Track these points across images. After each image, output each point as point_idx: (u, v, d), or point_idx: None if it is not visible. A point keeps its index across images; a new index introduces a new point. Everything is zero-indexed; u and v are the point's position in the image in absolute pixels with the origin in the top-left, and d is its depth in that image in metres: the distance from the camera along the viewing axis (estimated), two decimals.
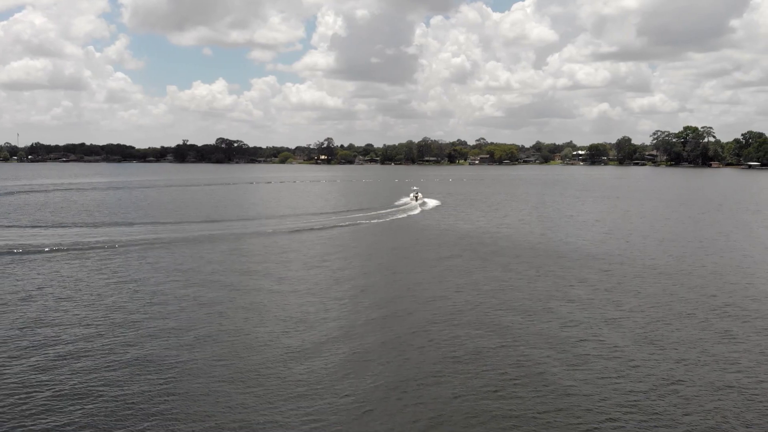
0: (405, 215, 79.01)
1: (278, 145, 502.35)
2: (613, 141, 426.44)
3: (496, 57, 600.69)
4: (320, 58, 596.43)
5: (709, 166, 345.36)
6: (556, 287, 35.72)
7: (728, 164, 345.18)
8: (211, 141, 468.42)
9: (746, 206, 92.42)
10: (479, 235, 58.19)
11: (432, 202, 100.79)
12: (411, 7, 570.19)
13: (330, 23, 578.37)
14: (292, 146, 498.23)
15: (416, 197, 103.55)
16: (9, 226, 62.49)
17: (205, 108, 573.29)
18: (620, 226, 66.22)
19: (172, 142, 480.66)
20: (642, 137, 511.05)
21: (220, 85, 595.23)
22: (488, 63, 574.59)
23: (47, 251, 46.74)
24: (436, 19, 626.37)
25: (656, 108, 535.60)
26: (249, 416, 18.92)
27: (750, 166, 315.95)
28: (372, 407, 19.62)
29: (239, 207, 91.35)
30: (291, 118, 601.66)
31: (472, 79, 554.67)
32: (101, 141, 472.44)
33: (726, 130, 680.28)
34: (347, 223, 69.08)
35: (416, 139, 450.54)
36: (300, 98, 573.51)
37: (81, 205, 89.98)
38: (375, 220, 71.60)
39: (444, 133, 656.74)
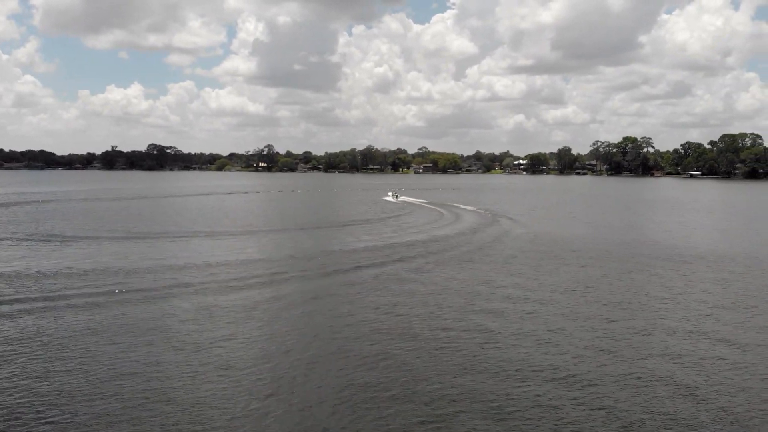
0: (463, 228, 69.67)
1: (195, 151, 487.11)
2: (528, 152, 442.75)
3: (417, 68, 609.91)
4: (241, 63, 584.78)
5: (652, 175, 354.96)
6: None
7: (668, 173, 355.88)
8: (127, 147, 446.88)
9: None
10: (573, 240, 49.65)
11: (415, 200, 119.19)
12: (334, 16, 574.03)
13: (251, 29, 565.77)
14: (211, 152, 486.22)
15: (396, 196, 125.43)
16: None
17: (119, 113, 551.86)
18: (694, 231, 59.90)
19: (84, 149, 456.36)
20: (556, 147, 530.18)
21: (135, 89, 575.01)
22: (410, 73, 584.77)
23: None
24: (359, 29, 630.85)
25: (569, 119, 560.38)
26: None
27: (692, 176, 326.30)
28: None
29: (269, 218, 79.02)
30: (210, 123, 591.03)
31: (395, 88, 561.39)
32: (6, 147, 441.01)
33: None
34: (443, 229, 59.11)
35: (339, 148, 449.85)
36: (220, 104, 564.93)
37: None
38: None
39: (367, 141, 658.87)
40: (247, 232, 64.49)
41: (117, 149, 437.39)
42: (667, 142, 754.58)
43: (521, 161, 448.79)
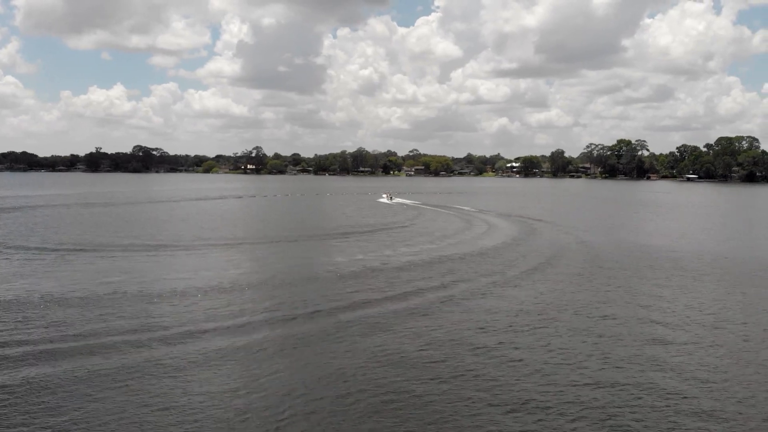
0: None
1: (179, 153, 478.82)
2: (512, 155, 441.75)
3: (402, 70, 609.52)
4: (225, 65, 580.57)
5: (648, 178, 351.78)
6: None
7: (664, 177, 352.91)
8: (110, 149, 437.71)
9: None
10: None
11: (408, 202, 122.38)
12: (319, 18, 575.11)
13: (235, 31, 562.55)
14: (196, 154, 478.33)
15: (391, 198, 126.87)
16: None
17: (101, 114, 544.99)
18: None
19: (66, 150, 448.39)
20: (539, 150, 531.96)
21: (118, 90, 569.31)
22: (395, 76, 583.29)
23: None
24: (344, 31, 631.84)
25: (552, 122, 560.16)
26: None
27: (688, 179, 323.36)
28: None
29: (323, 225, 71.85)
30: (193, 125, 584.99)
31: (380, 91, 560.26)
32: None
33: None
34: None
35: (325, 150, 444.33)
36: (203, 105, 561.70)
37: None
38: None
39: (353, 144, 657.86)
40: (264, 242, 57.61)
41: (101, 151, 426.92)
42: (649, 145, 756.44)
43: (514, 164, 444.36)
